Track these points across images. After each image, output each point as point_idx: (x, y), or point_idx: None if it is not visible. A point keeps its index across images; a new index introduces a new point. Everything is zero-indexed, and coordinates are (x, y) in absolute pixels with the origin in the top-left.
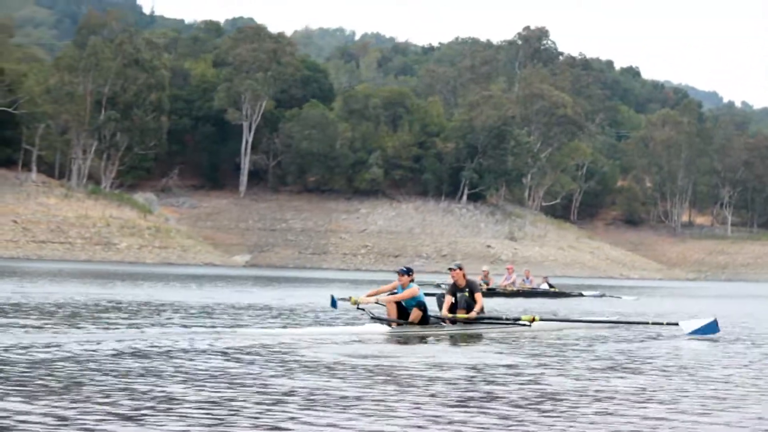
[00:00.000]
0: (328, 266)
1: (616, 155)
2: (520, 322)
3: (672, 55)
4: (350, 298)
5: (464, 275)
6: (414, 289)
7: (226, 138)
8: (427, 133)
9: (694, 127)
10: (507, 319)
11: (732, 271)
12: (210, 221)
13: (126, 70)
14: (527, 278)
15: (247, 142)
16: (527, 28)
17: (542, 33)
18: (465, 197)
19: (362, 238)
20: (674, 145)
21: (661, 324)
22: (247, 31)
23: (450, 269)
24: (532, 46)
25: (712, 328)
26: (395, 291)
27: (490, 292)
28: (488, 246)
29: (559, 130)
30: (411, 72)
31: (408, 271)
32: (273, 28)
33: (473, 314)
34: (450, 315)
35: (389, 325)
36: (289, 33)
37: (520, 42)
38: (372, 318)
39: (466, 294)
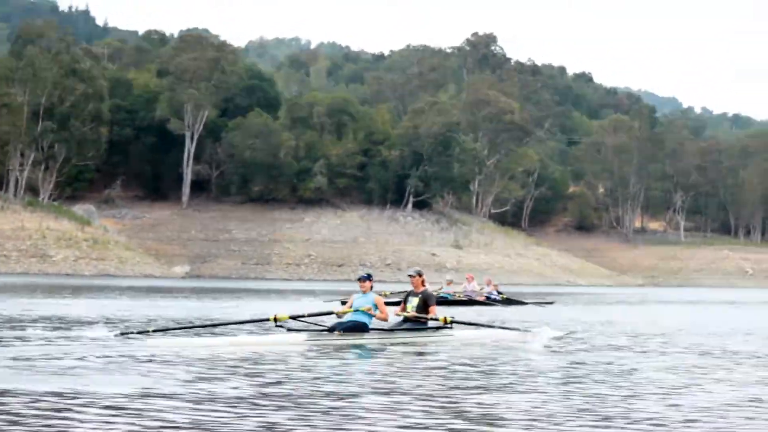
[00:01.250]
0: (271, 276)
1: (568, 161)
2: (438, 322)
3: (632, 60)
4: (271, 316)
5: (423, 282)
6: (383, 306)
7: (168, 148)
8: (372, 141)
9: (646, 132)
10: (423, 318)
11: (684, 277)
12: (152, 232)
13: (64, 81)
14: (488, 285)
15: (189, 152)
16: (475, 34)
17: (490, 39)
18: (410, 205)
19: (306, 247)
20: (625, 150)
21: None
22: (189, 39)
23: (410, 275)
24: (480, 51)
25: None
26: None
27: (443, 301)
28: (433, 254)
29: (506, 137)
30: (361, 80)
31: (369, 277)
32: (226, 39)
33: (412, 314)
34: (401, 313)
35: (307, 335)
36: (243, 43)
37: (468, 48)
38: (289, 330)
39: (417, 300)
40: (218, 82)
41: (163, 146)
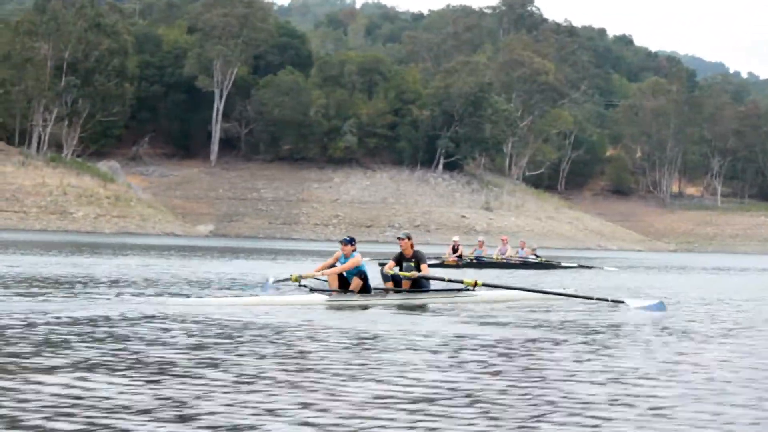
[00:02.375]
0: (298, 236)
1: (606, 124)
2: (462, 285)
3: (678, 25)
4: (291, 275)
5: (412, 245)
6: (357, 258)
7: (197, 106)
8: (403, 100)
9: (684, 96)
10: (449, 281)
11: (720, 243)
12: (180, 190)
13: (88, 35)
14: (522, 248)
15: (218, 109)
16: None
17: None
18: (441, 166)
19: (334, 207)
20: (663, 113)
21: (606, 300)
22: None
23: (398, 238)
24: (516, 12)
25: (657, 308)
26: (337, 262)
27: (479, 263)
28: (462, 216)
29: (540, 98)
30: (399, 40)
31: (351, 241)
32: None
33: (416, 274)
34: (391, 272)
35: (329, 295)
36: (286, 2)
37: (504, 8)
38: (311, 290)
39: (412, 264)
40: (248, 39)
41: (192, 103)
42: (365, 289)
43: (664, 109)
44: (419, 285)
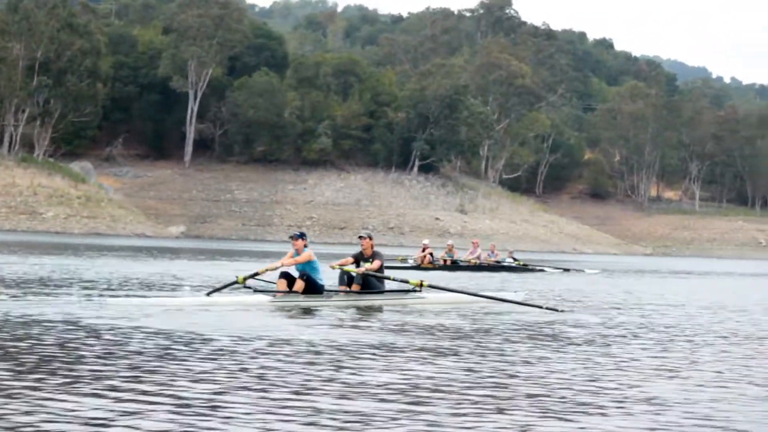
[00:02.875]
0: (272, 238)
1: (585, 128)
2: (409, 285)
3: (661, 29)
4: (237, 277)
5: (372, 245)
6: (309, 253)
7: (171, 106)
8: (378, 102)
9: (662, 100)
10: (395, 280)
11: (697, 247)
12: (153, 191)
13: (60, 35)
14: (492, 252)
15: (192, 110)
16: None
17: (504, 2)
18: (416, 168)
19: (308, 209)
20: (642, 117)
21: (555, 311)
22: None
23: (360, 237)
24: (494, 15)
25: None
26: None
27: (454, 266)
28: (437, 218)
29: (517, 101)
30: (378, 42)
31: (302, 235)
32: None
33: (362, 270)
34: (337, 266)
35: (274, 296)
36: (268, 3)
37: (482, 11)
38: (255, 291)
39: (369, 263)
40: (223, 40)
41: (166, 104)
42: (315, 289)
43: (643, 113)
44: (369, 286)
